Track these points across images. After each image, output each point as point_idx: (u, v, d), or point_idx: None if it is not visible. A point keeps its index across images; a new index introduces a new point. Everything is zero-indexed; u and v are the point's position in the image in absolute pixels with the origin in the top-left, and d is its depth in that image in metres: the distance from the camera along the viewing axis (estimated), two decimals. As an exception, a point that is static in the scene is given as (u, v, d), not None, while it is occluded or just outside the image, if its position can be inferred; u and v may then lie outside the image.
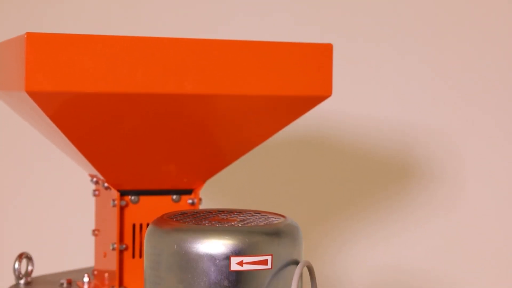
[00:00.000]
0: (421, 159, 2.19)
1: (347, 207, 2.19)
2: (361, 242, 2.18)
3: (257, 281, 1.07)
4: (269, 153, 2.11)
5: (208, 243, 1.06)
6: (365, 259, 2.18)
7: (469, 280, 2.21)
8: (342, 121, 2.15)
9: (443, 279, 2.21)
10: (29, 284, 1.56)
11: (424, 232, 2.20)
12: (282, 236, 1.09)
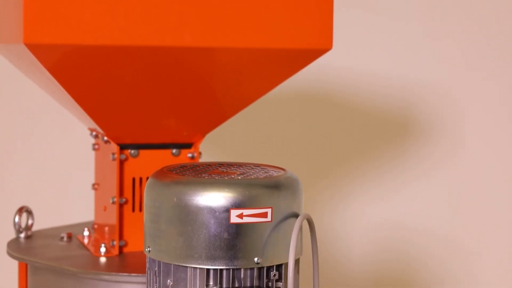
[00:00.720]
0: (421, 114, 2.19)
1: (347, 162, 2.19)
2: (360, 197, 2.18)
3: (257, 234, 1.07)
4: (269, 108, 2.10)
5: (208, 195, 1.06)
6: (364, 215, 2.18)
7: (468, 235, 2.22)
8: (342, 76, 2.14)
9: (442, 235, 2.22)
10: (29, 238, 1.57)
11: (423, 188, 2.20)
12: (282, 189, 1.09)
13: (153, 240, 1.11)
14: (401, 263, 2.20)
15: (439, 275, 2.21)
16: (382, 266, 2.19)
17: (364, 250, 2.18)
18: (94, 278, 1.35)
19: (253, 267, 1.07)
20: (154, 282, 1.13)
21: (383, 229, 2.19)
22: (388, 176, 2.19)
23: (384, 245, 2.19)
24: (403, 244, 2.20)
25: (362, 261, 2.18)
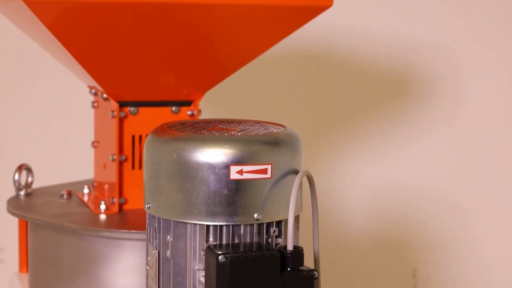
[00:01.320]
0: (423, 74, 2.18)
1: (347, 122, 2.19)
2: (359, 158, 2.18)
3: (257, 190, 1.07)
4: (269, 66, 2.10)
5: (208, 152, 1.06)
6: (363, 175, 2.19)
7: (468, 194, 2.23)
8: (343, 35, 2.13)
9: (441, 194, 2.22)
10: (29, 195, 1.57)
11: (423, 148, 2.20)
12: (282, 145, 1.09)
13: (153, 196, 1.11)
14: (400, 223, 2.20)
15: (439, 235, 2.22)
16: (381, 226, 2.20)
17: (363, 211, 2.19)
18: (94, 235, 1.35)
19: (253, 223, 1.08)
20: (154, 239, 1.13)
21: (383, 189, 2.20)
22: (388, 136, 2.19)
23: (383, 205, 2.19)
24: (402, 204, 2.20)
25: (361, 222, 2.19)
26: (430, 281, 2.23)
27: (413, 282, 2.23)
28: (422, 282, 2.22)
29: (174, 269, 1.10)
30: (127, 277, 1.35)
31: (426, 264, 2.23)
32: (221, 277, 1.01)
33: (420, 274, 2.22)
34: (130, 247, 1.35)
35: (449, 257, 2.23)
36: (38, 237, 1.46)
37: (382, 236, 2.19)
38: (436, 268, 2.23)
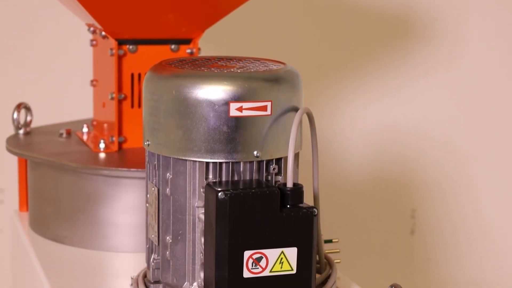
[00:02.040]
0: (423, 15, 2.16)
1: (347, 63, 2.18)
2: (359, 99, 2.18)
3: (257, 127, 1.06)
4: (269, 3, 2.08)
5: (207, 88, 1.05)
6: (362, 117, 2.18)
7: (466, 138, 2.22)
8: (343, -25, 2.11)
9: (440, 137, 2.22)
10: (28, 134, 1.57)
11: (423, 90, 2.19)
12: (282, 83, 1.08)
13: (152, 133, 1.11)
14: (399, 166, 2.21)
15: (436, 177, 2.23)
16: (380, 168, 2.20)
17: (362, 152, 2.19)
18: (93, 173, 1.35)
19: (253, 160, 1.07)
20: (154, 176, 1.13)
21: (382, 131, 2.19)
22: (388, 77, 2.18)
23: (382, 146, 2.19)
24: (402, 146, 2.20)
25: (360, 163, 2.19)
26: (428, 222, 2.24)
27: (411, 224, 2.24)
28: (420, 224, 2.23)
29: (173, 207, 1.10)
30: (126, 215, 1.36)
31: (425, 206, 2.23)
32: (220, 214, 1.01)
33: (418, 216, 2.23)
34: (130, 185, 1.35)
35: (447, 200, 2.24)
36: (37, 175, 1.46)
37: (381, 178, 2.20)
38: (434, 210, 2.24)
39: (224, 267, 1.01)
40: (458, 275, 2.25)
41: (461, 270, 2.25)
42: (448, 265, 2.25)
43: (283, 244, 1.03)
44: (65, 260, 1.35)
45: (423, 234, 2.25)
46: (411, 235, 2.24)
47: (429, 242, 2.25)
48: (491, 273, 2.27)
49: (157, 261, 1.14)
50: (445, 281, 2.25)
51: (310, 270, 1.05)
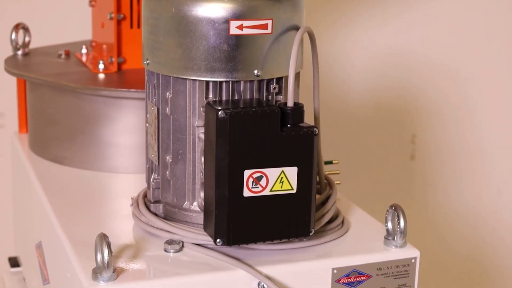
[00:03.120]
0: None
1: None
2: (362, 24, 2.16)
3: (257, 46, 1.05)
4: None
5: (207, 6, 1.04)
6: (365, 42, 2.16)
7: (468, 63, 2.21)
8: None
9: (442, 62, 2.20)
10: (27, 55, 1.56)
11: (426, 15, 2.17)
12: (283, 1, 1.07)
13: (152, 52, 1.09)
14: (401, 90, 2.20)
15: (437, 102, 2.22)
16: (381, 92, 2.19)
17: (363, 77, 2.18)
18: (92, 93, 1.34)
19: (253, 79, 1.06)
20: (153, 95, 1.12)
21: (383, 56, 2.18)
22: (391, 2, 2.15)
23: (384, 71, 2.18)
24: (402, 72, 2.19)
25: (362, 88, 2.18)
26: (428, 148, 2.24)
27: (411, 149, 2.24)
28: (420, 149, 2.24)
29: (173, 126, 1.10)
30: (126, 136, 1.36)
31: (425, 131, 2.23)
32: (220, 133, 1.01)
33: (418, 141, 2.23)
34: (129, 106, 1.34)
35: (448, 125, 2.23)
36: (36, 96, 1.45)
37: (381, 103, 2.19)
38: (434, 136, 2.24)
39: (224, 186, 1.01)
40: (456, 200, 2.27)
41: (459, 196, 2.27)
42: (446, 190, 2.26)
43: (283, 164, 1.03)
44: (65, 181, 1.35)
45: (422, 159, 2.25)
46: (411, 160, 2.25)
47: (428, 167, 2.26)
48: (489, 199, 2.28)
49: (157, 181, 1.14)
50: (443, 207, 2.27)
51: (310, 189, 1.05)
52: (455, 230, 2.26)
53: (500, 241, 2.27)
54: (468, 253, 2.27)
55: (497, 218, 2.27)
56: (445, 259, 2.26)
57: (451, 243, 2.26)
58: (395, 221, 1.11)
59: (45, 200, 1.26)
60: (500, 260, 2.28)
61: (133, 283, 1.00)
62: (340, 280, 1.08)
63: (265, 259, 1.06)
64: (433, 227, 2.25)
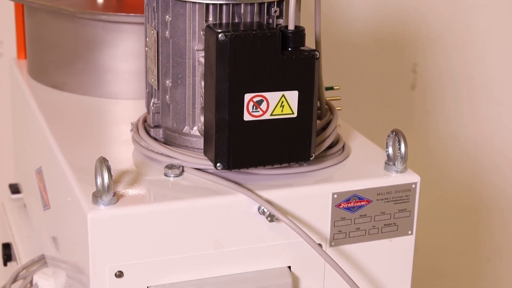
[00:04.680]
0: None
1: None
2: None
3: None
4: None
5: None
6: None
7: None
8: None
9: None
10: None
11: None
12: None
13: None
14: (402, 18, 2.17)
15: (439, 31, 2.20)
16: (382, 21, 2.17)
17: (365, 5, 2.15)
18: (91, 18, 1.33)
19: (254, 2, 1.05)
20: (153, 19, 1.11)
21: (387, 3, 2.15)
22: None
23: None
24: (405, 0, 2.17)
25: (363, 16, 2.16)
26: (429, 77, 2.23)
27: (412, 78, 2.23)
28: (421, 79, 2.22)
29: (173, 50, 1.09)
30: (125, 61, 1.35)
31: (426, 60, 2.22)
32: (221, 56, 0.99)
33: (419, 70, 2.22)
34: (129, 31, 1.33)
35: (449, 54, 2.22)
36: (35, 21, 1.43)
37: (383, 31, 2.17)
38: (436, 64, 2.22)
39: (224, 110, 1.01)
40: (457, 130, 2.26)
41: (460, 126, 2.26)
42: (447, 120, 2.26)
43: (284, 87, 1.02)
44: (64, 107, 1.35)
45: (423, 89, 2.24)
46: (412, 89, 2.24)
47: (430, 97, 2.25)
48: (489, 128, 2.27)
49: (157, 105, 1.13)
50: (444, 137, 2.26)
51: (311, 114, 1.05)
52: (455, 160, 2.26)
53: (499, 172, 2.28)
54: (467, 183, 2.27)
55: (497, 148, 2.27)
56: (444, 189, 2.27)
57: (450, 173, 2.27)
58: (396, 146, 1.10)
59: (45, 126, 1.25)
60: (498, 191, 2.29)
61: (133, 207, 1.00)
62: (340, 205, 1.08)
63: (265, 183, 1.06)
64: (432, 157, 2.25)
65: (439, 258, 2.32)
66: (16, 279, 1.36)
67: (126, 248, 1.00)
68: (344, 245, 1.10)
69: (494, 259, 2.32)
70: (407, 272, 1.15)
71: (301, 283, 1.10)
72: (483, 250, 2.32)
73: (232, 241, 1.04)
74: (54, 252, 1.27)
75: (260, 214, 1.04)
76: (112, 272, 1.01)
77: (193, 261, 1.04)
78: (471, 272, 2.33)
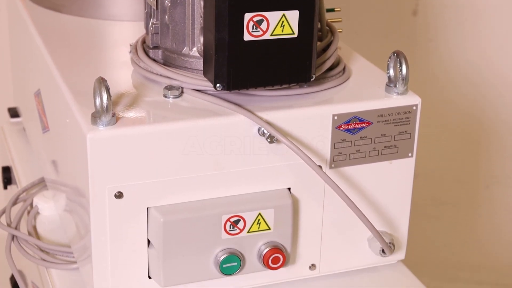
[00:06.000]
0: None
1: None
2: None
3: None
4: None
5: None
6: None
7: None
8: None
9: None
10: None
11: None
12: None
13: None
14: None
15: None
16: None
17: None
18: None
19: None
20: None
21: None
22: None
23: None
24: None
25: None
26: (432, 3, 2.20)
27: (414, 4, 2.20)
28: (423, 3, 2.20)
29: (172, -31, 1.07)
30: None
31: None
32: (220, -25, 0.98)
33: (420, 10, 2.19)
34: None
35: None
36: None
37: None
38: None
39: (224, 29, 0.99)
40: (459, 57, 2.25)
41: (462, 52, 2.24)
42: (449, 46, 2.24)
43: (284, 7, 1.01)
44: (63, 29, 1.33)
45: (425, 15, 2.21)
46: (413, 16, 2.21)
47: (432, 23, 2.23)
48: (491, 55, 2.26)
49: (155, 26, 1.12)
50: (445, 63, 2.25)
51: (312, 34, 1.03)
52: (456, 86, 2.25)
53: (500, 98, 2.27)
54: (467, 109, 2.27)
55: (498, 74, 2.26)
56: (445, 115, 2.26)
57: (451, 98, 2.26)
58: (397, 67, 1.09)
59: (43, 48, 1.24)
60: (498, 117, 2.28)
61: (132, 127, 1.00)
62: (341, 127, 1.08)
63: (265, 105, 1.06)
64: (433, 83, 2.24)
65: (438, 185, 2.33)
66: (16, 202, 1.37)
67: (126, 169, 1.00)
68: (344, 167, 1.10)
69: (492, 185, 2.33)
70: (407, 195, 1.15)
71: (301, 204, 1.10)
72: (482, 177, 2.33)
73: (232, 162, 1.04)
74: (53, 175, 1.27)
75: (260, 136, 1.04)
76: (112, 193, 1.01)
77: (193, 182, 1.04)
78: (470, 198, 2.35)
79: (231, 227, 1.05)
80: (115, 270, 1.05)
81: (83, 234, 1.08)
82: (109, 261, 1.04)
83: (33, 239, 1.25)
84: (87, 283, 1.10)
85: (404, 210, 1.16)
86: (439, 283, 2.31)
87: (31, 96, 1.38)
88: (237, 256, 1.05)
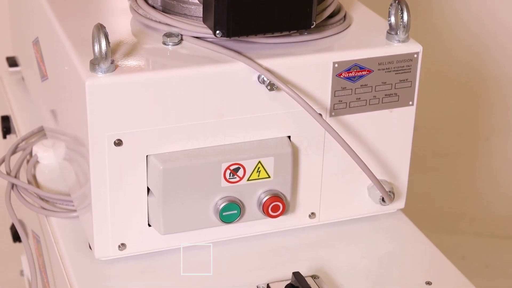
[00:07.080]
0: None
1: None
2: None
3: None
4: None
5: None
6: None
7: None
8: None
9: None
10: None
11: None
12: None
13: None
14: None
15: None
16: None
17: None
18: None
19: None
20: None
21: None
22: None
23: None
24: None
25: None
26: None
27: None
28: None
29: None
30: None
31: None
32: None
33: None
34: None
35: None
36: None
37: None
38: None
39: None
40: (461, 6, 2.23)
41: (464, 2, 2.23)
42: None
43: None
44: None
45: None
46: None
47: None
48: (493, 5, 2.24)
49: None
50: (447, 14, 2.23)
51: (312, -20, 1.02)
52: (458, 37, 2.24)
53: (501, 49, 2.25)
54: (468, 61, 2.25)
55: (500, 24, 2.24)
56: (445, 67, 2.25)
57: (453, 49, 2.24)
58: (398, 15, 1.08)
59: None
60: (499, 69, 2.27)
61: (131, 74, 0.99)
62: (341, 75, 1.07)
63: (265, 52, 1.05)
64: (434, 34, 2.22)
65: (438, 137, 2.33)
66: (16, 151, 1.36)
67: (125, 116, 1.00)
68: (344, 115, 1.09)
69: (492, 137, 2.33)
70: (407, 144, 1.15)
71: (301, 153, 1.09)
72: (482, 128, 2.32)
73: (232, 110, 1.04)
74: (53, 124, 1.27)
75: (260, 83, 1.03)
76: (111, 141, 1.00)
77: (193, 130, 1.03)
78: (470, 150, 2.34)
79: (231, 175, 1.05)
80: (114, 218, 1.05)
81: (82, 182, 1.08)
82: (109, 209, 1.04)
83: (33, 187, 1.25)
84: (87, 232, 1.10)
85: (404, 159, 1.16)
86: (437, 234, 2.32)
87: (30, 45, 1.37)
88: (237, 204, 1.05)
